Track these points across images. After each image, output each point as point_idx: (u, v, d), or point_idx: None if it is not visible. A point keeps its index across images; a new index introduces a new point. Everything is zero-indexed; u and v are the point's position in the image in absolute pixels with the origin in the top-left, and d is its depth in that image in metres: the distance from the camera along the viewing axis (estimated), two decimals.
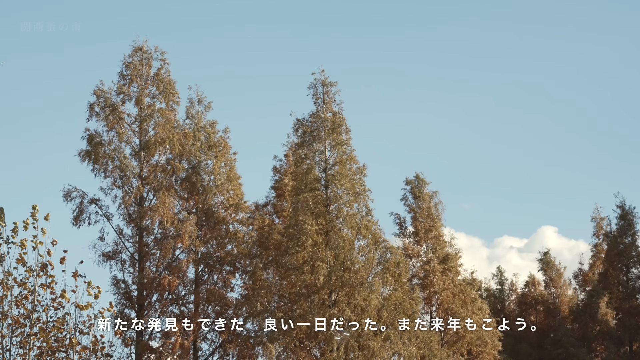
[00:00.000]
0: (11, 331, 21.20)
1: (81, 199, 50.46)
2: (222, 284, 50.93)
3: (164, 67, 52.24)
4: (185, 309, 50.22)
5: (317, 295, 44.01)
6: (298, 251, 43.93)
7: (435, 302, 55.05)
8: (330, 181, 45.59)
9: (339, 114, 46.54)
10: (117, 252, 50.34)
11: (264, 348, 43.63)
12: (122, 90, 51.44)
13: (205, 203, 51.26)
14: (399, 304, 44.28)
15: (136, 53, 52.12)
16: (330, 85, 46.83)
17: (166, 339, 48.78)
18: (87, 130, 51.00)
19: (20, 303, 21.25)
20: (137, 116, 51.55)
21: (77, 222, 50.32)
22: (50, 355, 21.28)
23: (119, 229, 50.66)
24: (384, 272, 44.70)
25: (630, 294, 63.94)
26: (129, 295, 49.82)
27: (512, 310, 71.37)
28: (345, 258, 44.05)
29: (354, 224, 44.74)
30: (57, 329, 21.44)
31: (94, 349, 21.82)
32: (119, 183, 50.56)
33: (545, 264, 70.42)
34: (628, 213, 65.26)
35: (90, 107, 51.18)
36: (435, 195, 57.93)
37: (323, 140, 46.28)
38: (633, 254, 64.51)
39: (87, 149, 50.68)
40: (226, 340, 49.62)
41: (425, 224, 56.32)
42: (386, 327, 43.78)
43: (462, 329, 53.82)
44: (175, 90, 52.16)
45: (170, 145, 50.98)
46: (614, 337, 63.70)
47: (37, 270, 21.30)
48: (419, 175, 58.18)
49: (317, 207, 44.88)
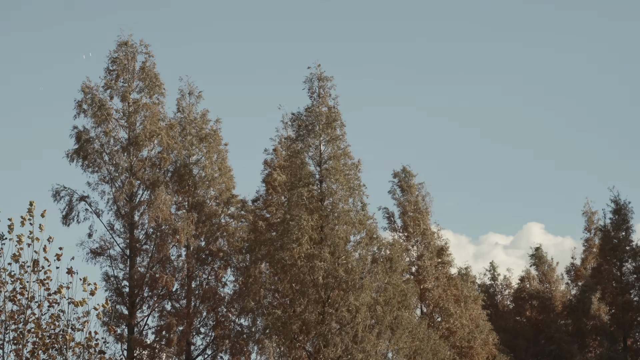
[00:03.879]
0: (5, 327, 20.94)
1: (70, 197, 50.17)
2: (215, 278, 50.63)
3: (149, 60, 52.05)
4: (178, 304, 49.94)
5: (313, 292, 43.77)
6: (294, 247, 43.65)
7: (429, 298, 54.86)
8: (324, 176, 45.34)
9: (334, 108, 46.30)
10: (105, 249, 50.06)
11: (259, 345, 43.40)
12: (109, 85, 51.09)
13: (197, 197, 50.90)
14: (390, 299, 44.10)
15: (121, 48, 51.86)
16: (326, 79, 46.58)
17: (159, 335, 48.48)
18: (75, 128, 50.63)
19: (15, 299, 21.00)
20: (124, 111, 51.22)
21: (67, 220, 50.06)
22: (45, 352, 21.02)
23: (109, 225, 50.34)
24: (377, 268, 44.50)
25: (624, 289, 63.80)
26: (121, 292, 49.53)
27: (506, 306, 71.20)
28: (340, 255, 43.83)
29: (349, 219, 44.50)
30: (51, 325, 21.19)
31: (88, 345, 21.55)
32: (108, 179, 50.22)
33: (537, 259, 70.24)
34: (622, 208, 65.13)
35: (77, 105, 50.84)
36: (423, 187, 57.78)
37: (318, 135, 46.03)
38: (627, 248, 64.37)
39: (75, 148, 50.31)
40: (219, 336, 49.36)
41: (414, 218, 56.15)
42: (380, 322, 43.60)
43: (454, 325, 53.71)
44: (160, 82, 51.83)
45: (158, 140, 50.61)
46: (607, 332, 63.55)
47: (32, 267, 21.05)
48: (406, 168, 57.98)
49: (311, 202, 44.62)
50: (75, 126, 50.65)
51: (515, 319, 69.14)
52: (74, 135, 50.58)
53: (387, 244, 46.11)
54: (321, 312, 43.49)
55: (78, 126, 50.62)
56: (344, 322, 42.95)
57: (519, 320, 68.89)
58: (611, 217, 65.39)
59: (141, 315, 49.74)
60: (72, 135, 50.64)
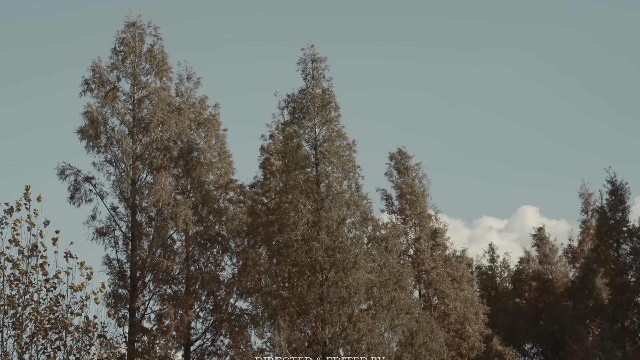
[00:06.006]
0: (4, 312, 21.11)
1: (75, 176, 49.89)
2: (214, 262, 50.85)
3: (157, 43, 51.63)
4: (177, 288, 50.17)
5: (310, 274, 44.08)
6: (292, 229, 43.89)
7: (425, 280, 55.16)
8: (320, 159, 45.52)
9: (329, 90, 46.34)
10: (110, 228, 50.05)
11: (263, 326, 43.73)
12: (116, 66, 50.80)
13: (197, 181, 51.03)
14: (387, 280, 44.40)
15: (129, 28, 51.29)
16: (320, 61, 46.58)
17: (160, 322, 48.71)
18: (89, 105, 50.01)
19: (13, 284, 21.16)
20: (131, 93, 51.01)
21: (73, 200, 49.84)
22: (45, 337, 21.24)
23: (112, 207, 50.27)
24: (372, 249, 44.78)
25: (621, 270, 63.88)
26: (122, 275, 49.62)
27: (505, 288, 71.32)
28: (336, 237, 44.08)
29: (344, 202, 44.71)
30: (50, 310, 21.37)
31: (87, 330, 21.76)
32: (113, 161, 50.09)
33: (539, 240, 70.12)
34: (619, 189, 65.10)
35: (85, 83, 50.25)
36: (420, 168, 57.96)
37: (313, 118, 46.12)
38: (624, 229, 64.36)
39: (86, 125, 49.73)
40: (218, 319, 49.62)
41: (410, 199, 56.37)
42: (377, 302, 43.93)
43: (448, 307, 54.01)
44: (168, 65, 51.53)
45: (167, 126, 50.27)
46: (607, 313, 63.66)
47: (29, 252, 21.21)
48: (402, 150, 58.11)
49: (307, 184, 44.82)
50: (89, 104, 49.92)
51: (514, 300, 69.29)
52: (85, 114, 49.82)
53: (382, 224, 46.34)
54: (318, 293, 43.78)
55: (91, 104, 49.93)
56: (340, 303, 43.23)
57: (518, 302, 69.04)
58: (608, 198, 65.39)
59: (142, 299, 49.95)
60: (84, 114, 49.89)
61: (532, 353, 68.81)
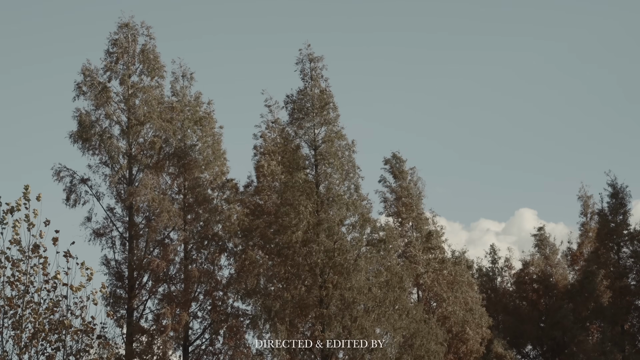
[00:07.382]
0: (4, 312, 20.94)
1: (71, 178, 50.01)
2: (211, 263, 50.64)
3: (150, 43, 51.70)
4: (175, 288, 49.96)
5: (310, 276, 43.89)
6: (293, 231, 43.68)
7: (423, 283, 54.93)
8: (319, 160, 45.29)
9: (327, 90, 46.09)
10: (107, 229, 50.02)
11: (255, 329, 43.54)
12: (109, 67, 50.85)
13: (192, 180, 50.79)
14: (386, 281, 44.21)
15: (122, 29, 51.47)
16: (317, 60, 46.32)
17: (158, 322, 48.53)
18: (78, 110, 50.47)
19: (14, 284, 20.97)
20: (123, 94, 51.03)
21: (69, 201, 49.93)
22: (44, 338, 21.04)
23: (109, 208, 50.27)
24: (371, 250, 44.57)
25: (622, 273, 63.78)
26: (120, 275, 49.53)
27: (506, 290, 70.95)
28: (336, 239, 43.89)
29: (343, 203, 44.49)
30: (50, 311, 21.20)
31: (87, 331, 21.61)
32: (108, 162, 50.09)
33: (540, 241, 69.74)
34: (620, 192, 64.99)
35: (77, 87, 50.56)
36: (414, 172, 57.74)
37: (312, 118, 45.88)
38: (624, 232, 64.27)
39: (77, 130, 50.15)
40: (216, 320, 49.42)
41: (406, 203, 56.16)
42: (378, 304, 43.72)
43: (446, 310, 53.77)
44: (160, 64, 51.54)
45: (158, 124, 50.30)
46: (608, 316, 63.52)
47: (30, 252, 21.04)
48: (396, 154, 57.87)
49: (306, 185, 44.61)
50: (78, 108, 50.37)
51: (515, 301, 68.98)
52: (76, 117, 50.23)
53: (380, 226, 46.10)
54: (318, 295, 43.60)
55: (80, 108, 50.33)
56: (341, 306, 43.04)
57: (519, 303, 68.70)
58: (608, 201, 65.27)
59: (141, 299, 49.79)
60: (75, 117, 50.28)
61: (532, 355, 68.61)
